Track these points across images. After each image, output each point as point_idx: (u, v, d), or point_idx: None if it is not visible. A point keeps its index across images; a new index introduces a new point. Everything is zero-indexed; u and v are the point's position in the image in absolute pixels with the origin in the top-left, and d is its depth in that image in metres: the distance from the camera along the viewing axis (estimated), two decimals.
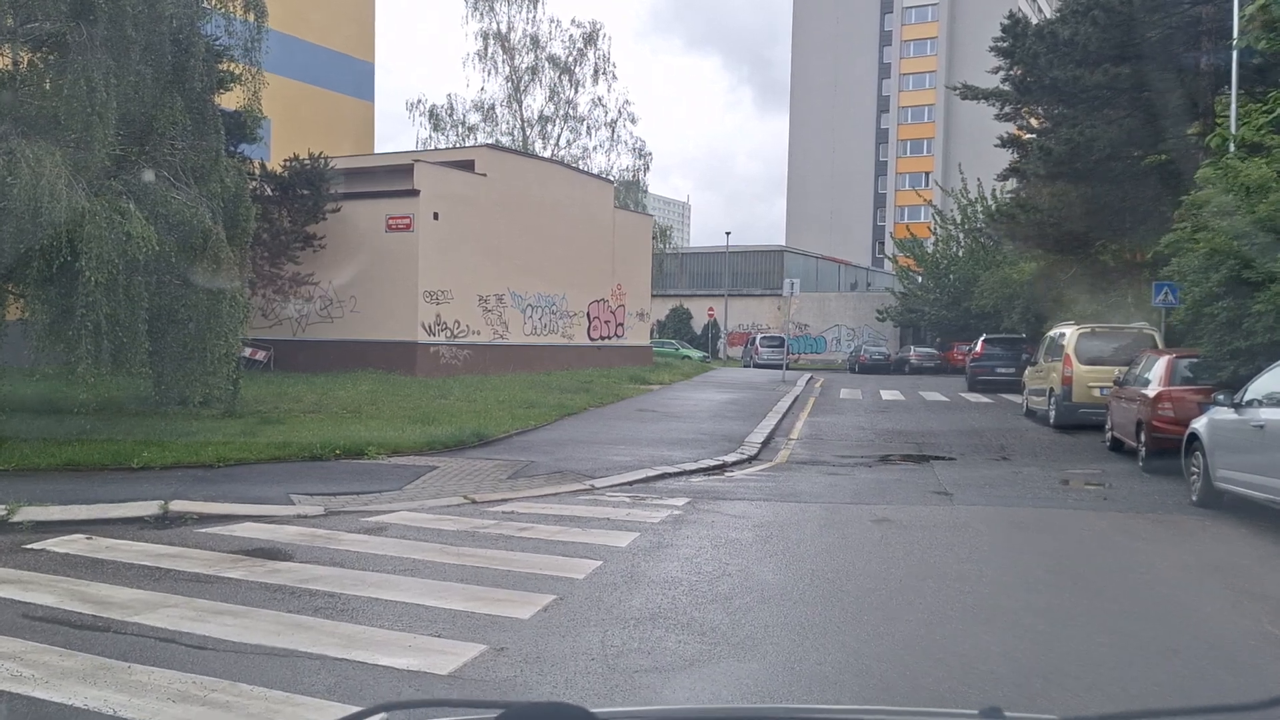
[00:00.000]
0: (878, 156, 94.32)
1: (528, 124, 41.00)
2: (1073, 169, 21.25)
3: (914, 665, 4.95)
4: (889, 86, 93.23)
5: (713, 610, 5.86)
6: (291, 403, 16.60)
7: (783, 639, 5.33)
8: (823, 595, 6.33)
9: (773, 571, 7.01)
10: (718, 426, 16.82)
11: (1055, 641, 5.34)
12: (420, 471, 11.01)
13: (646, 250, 35.92)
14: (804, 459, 13.76)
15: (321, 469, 11.02)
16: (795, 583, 6.70)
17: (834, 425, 18.79)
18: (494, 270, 27.05)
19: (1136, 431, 13.24)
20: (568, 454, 12.79)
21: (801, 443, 15.70)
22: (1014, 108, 31.09)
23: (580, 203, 30.72)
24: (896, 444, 15.96)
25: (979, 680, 4.69)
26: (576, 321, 30.97)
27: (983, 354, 30.11)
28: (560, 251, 29.63)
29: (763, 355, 47.54)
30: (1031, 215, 22.90)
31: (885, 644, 5.30)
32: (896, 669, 4.91)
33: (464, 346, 25.98)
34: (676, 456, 12.93)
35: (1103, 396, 17.82)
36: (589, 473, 11.40)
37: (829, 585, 6.58)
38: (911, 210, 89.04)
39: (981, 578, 6.85)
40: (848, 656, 5.03)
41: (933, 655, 5.09)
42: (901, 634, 5.48)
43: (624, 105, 57.05)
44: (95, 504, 8.72)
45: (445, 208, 25.16)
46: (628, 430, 15.74)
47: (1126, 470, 12.80)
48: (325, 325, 25.59)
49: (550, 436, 14.52)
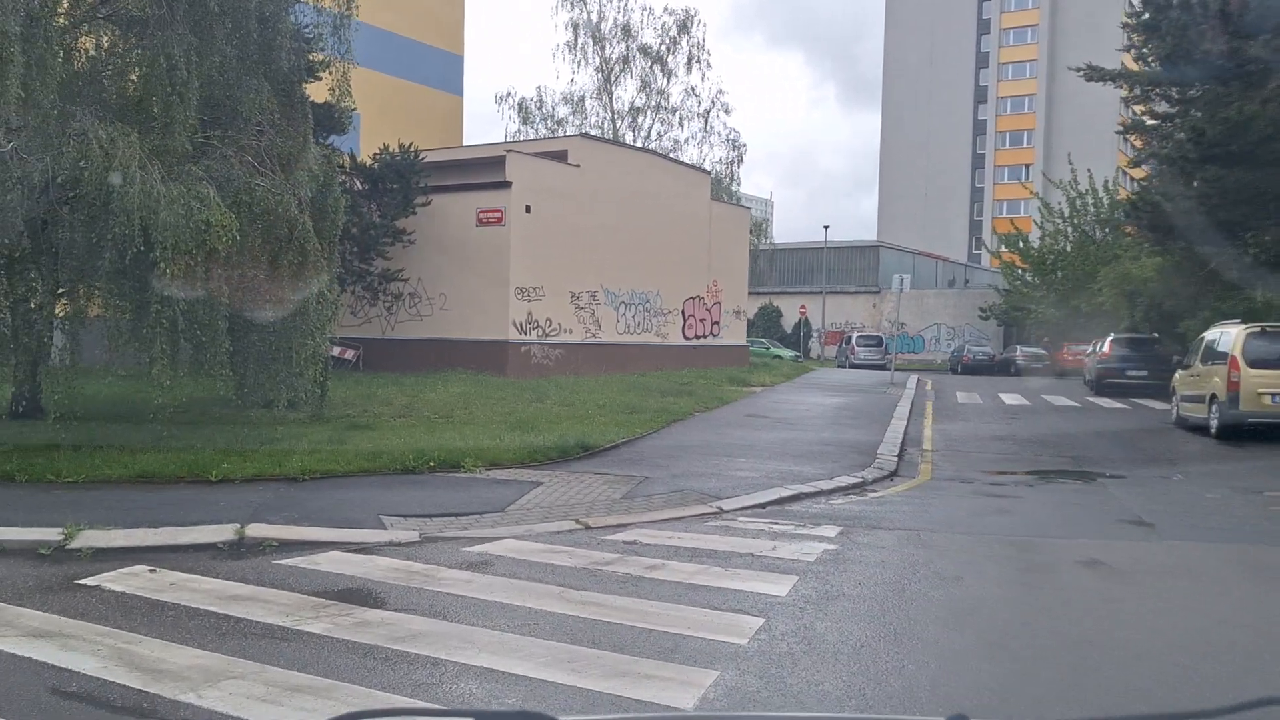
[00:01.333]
0: (975, 149, 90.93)
1: (618, 116, 39.79)
2: (1227, 152, 19.06)
3: None
4: (987, 76, 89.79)
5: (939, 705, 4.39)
6: (381, 406, 15.56)
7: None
8: (1098, 688, 4.79)
9: (995, 647, 5.48)
10: (840, 435, 15.25)
11: None
12: (524, 488, 9.74)
13: (744, 244, 34.35)
14: (950, 475, 12.14)
15: (415, 484, 9.83)
16: (1041, 666, 5.18)
17: (966, 434, 17.06)
18: (587, 266, 25.84)
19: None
20: (684, 468, 11.40)
21: (940, 455, 14.04)
22: (1145, 89, 28.77)
23: (676, 194, 29.32)
24: (1046, 456, 14.19)
25: None
26: (671, 320, 29.59)
27: (1110, 355, 27.81)
28: (655, 246, 28.30)
29: (859, 355, 45.65)
30: (1178, 204, 20.71)
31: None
32: None
33: (556, 346, 24.83)
34: (807, 472, 11.42)
35: (1276, 404, 15.78)
36: (713, 492, 9.99)
37: (1092, 674, 5.04)
38: (1011, 204, 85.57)
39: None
40: None
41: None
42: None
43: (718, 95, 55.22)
44: (164, 527, 7.63)
45: (537, 200, 24.03)
46: (743, 439, 14.29)
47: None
48: (414, 324, 24.70)
49: (660, 446, 13.14)
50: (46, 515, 7.84)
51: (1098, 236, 49.35)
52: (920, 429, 17.45)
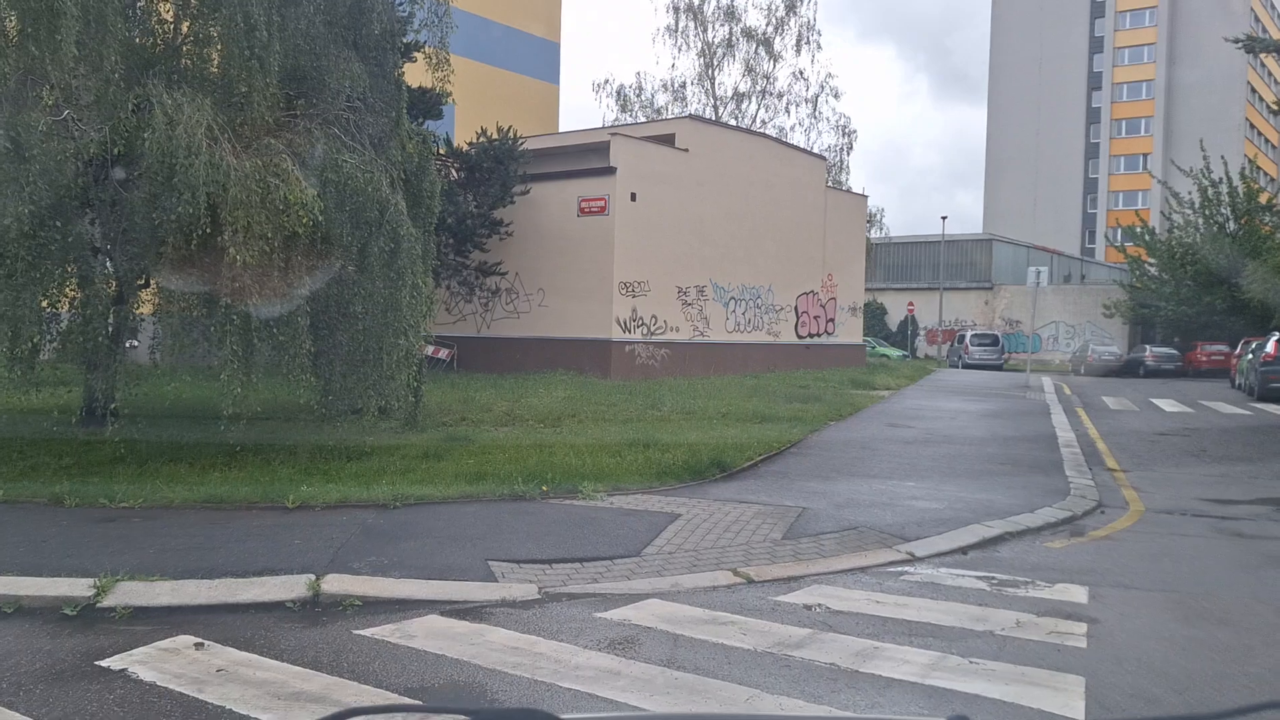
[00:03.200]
0: (1088, 138, 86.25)
1: (720, 102, 37.79)
2: None
3: None
4: (1101, 62, 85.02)
5: None
6: (480, 412, 13.94)
7: None
8: None
9: None
10: (1008, 450, 13.07)
11: None
12: (658, 522, 7.92)
13: (860, 235, 32.02)
14: (1167, 505, 9.90)
15: (527, 514, 8.10)
16: None
17: (1145, 447, 14.65)
18: (695, 259, 23.98)
19: None
20: (845, 494, 9.44)
21: (1134, 476, 11.75)
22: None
23: (789, 181, 27.22)
24: (1264, 479, 11.79)
25: None
26: (784, 317, 27.51)
27: (1277, 356, 24.74)
28: (767, 237, 26.27)
29: (974, 355, 43.02)
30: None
31: None
32: None
33: (661, 345, 23.03)
34: (999, 503, 9.34)
35: None
36: (895, 530, 8.01)
37: None
38: (1128, 196, 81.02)
39: None
40: None
41: None
42: None
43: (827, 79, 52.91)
44: (222, 578, 6.02)
45: (643, 188, 22.26)
46: (898, 454, 12.23)
47: None
48: (511, 321, 23.20)
49: (807, 464, 11.18)
50: (86, 556, 6.33)
51: (1231, 228, 45.67)
52: (1089, 441, 15.13)
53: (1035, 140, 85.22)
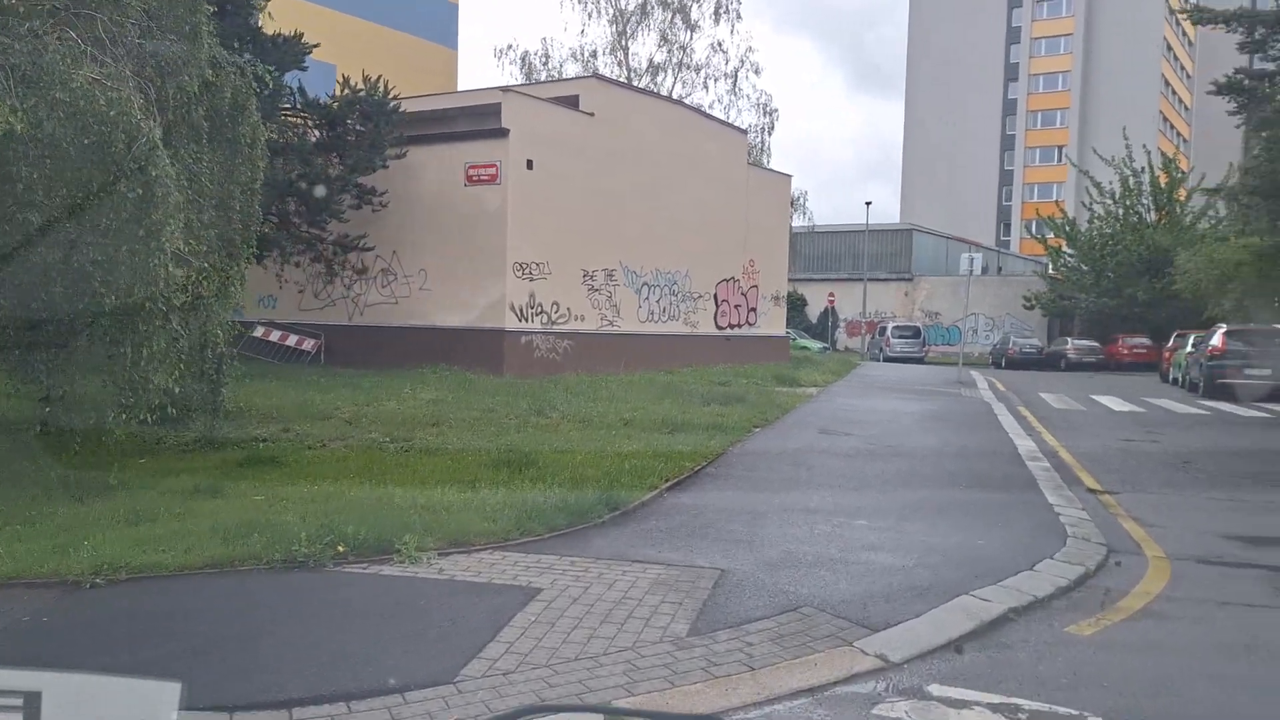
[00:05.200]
0: (1004, 130, 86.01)
1: (634, 73, 34.99)
2: None
3: None
4: (1018, 53, 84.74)
5: None
6: (313, 421, 11.02)
7: None
8: None
9: None
10: (969, 466, 10.69)
11: None
12: (505, 608, 5.19)
13: (784, 219, 29.62)
14: (1192, 550, 7.54)
15: (300, 593, 5.30)
16: None
17: (1119, 459, 12.46)
18: (603, 238, 21.26)
19: None
20: (778, 543, 6.83)
21: (1127, 501, 9.43)
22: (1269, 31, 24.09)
23: (708, 156, 24.63)
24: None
25: None
26: (702, 305, 24.96)
27: (1225, 350, 23.13)
28: (685, 217, 23.66)
29: (895, 347, 41.55)
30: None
31: None
32: None
33: (565, 336, 20.27)
34: (986, 552, 6.83)
35: None
36: (854, 608, 5.42)
37: None
38: (1043, 188, 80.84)
39: None
40: None
41: None
42: None
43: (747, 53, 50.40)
44: None
45: (542, 155, 19.44)
46: (842, 477, 9.69)
47: None
48: (388, 307, 20.19)
49: (727, 496, 8.54)
50: None
51: (1151, 219, 44.98)
52: (1053, 451, 12.89)
53: (952, 132, 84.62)
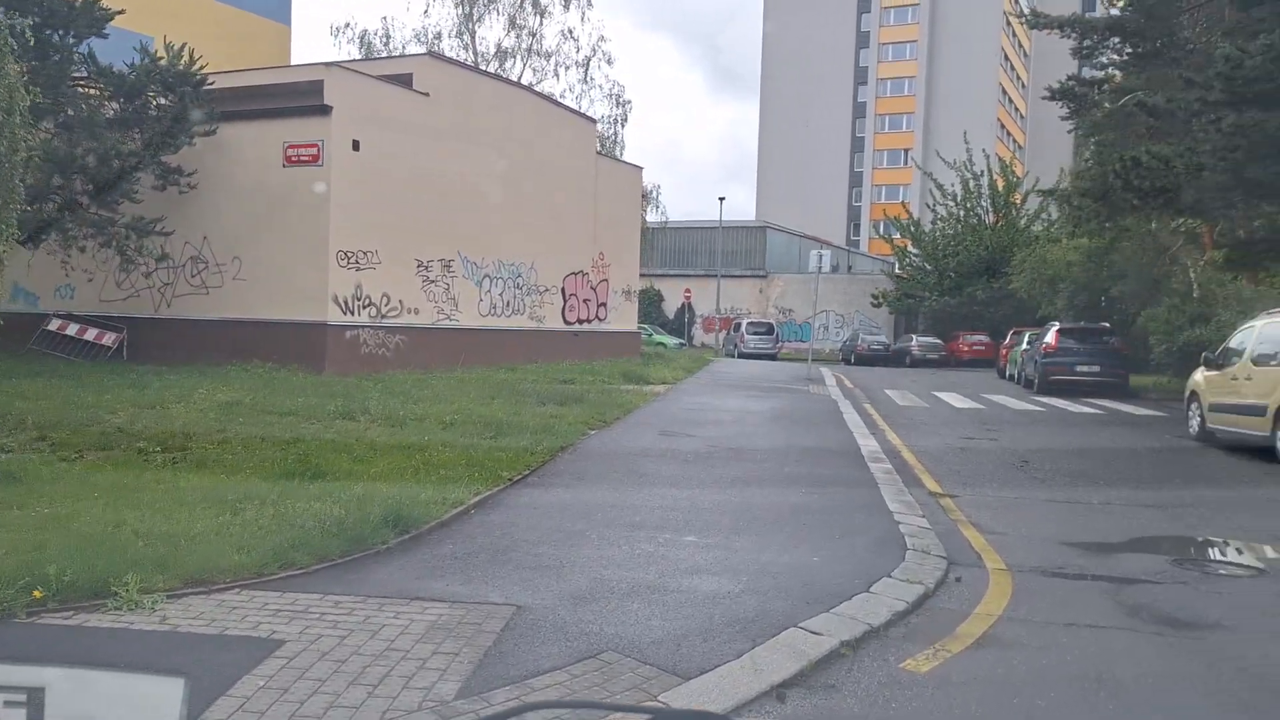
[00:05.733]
0: (854, 132, 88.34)
1: (482, 59, 33.63)
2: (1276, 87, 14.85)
3: None
4: (867, 57, 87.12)
5: None
6: (77, 429, 9.52)
7: None
8: None
9: None
10: (812, 470, 10.12)
11: None
12: (226, 673, 4.12)
13: (635, 211, 28.92)
14: (1033, 561, 7.09)
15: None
16: None
17: (960, 459, 12.23)
18: (440, 227, 20.03)
19: None
20: (590, 569, 5.97)
21: (967, 505, 9.03)
22: (1100, 38, 24.84)
23: (555, 143, 23.66)
24: (1118, 505, 9.40)
25: None
26: (549, 300, 23.99)
27: (1058, 348, 23.74)
28: (530, 206, 22.63)
29: (750, 344, 41.70)
30: (1189, 161, 16.42)
31: None
32: None
33: (396, 330, 18.96)
34: (817, 571, 6.15)
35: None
36: (665, 652, 4.60)
37: None
38: (890, 190, 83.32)
39: None
40: None
41: None
42: None
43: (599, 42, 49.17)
44: None
45: (370, 135, 18.09)
46: (677, 485, 8.91)
47: None
48: (199, 298, 18.43)
49: (541, 513, 7.62)
50: None
51: (990, 220, 46.73)
52: (895, 451, 12.57)
53: (805, 133, 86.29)
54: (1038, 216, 43.45)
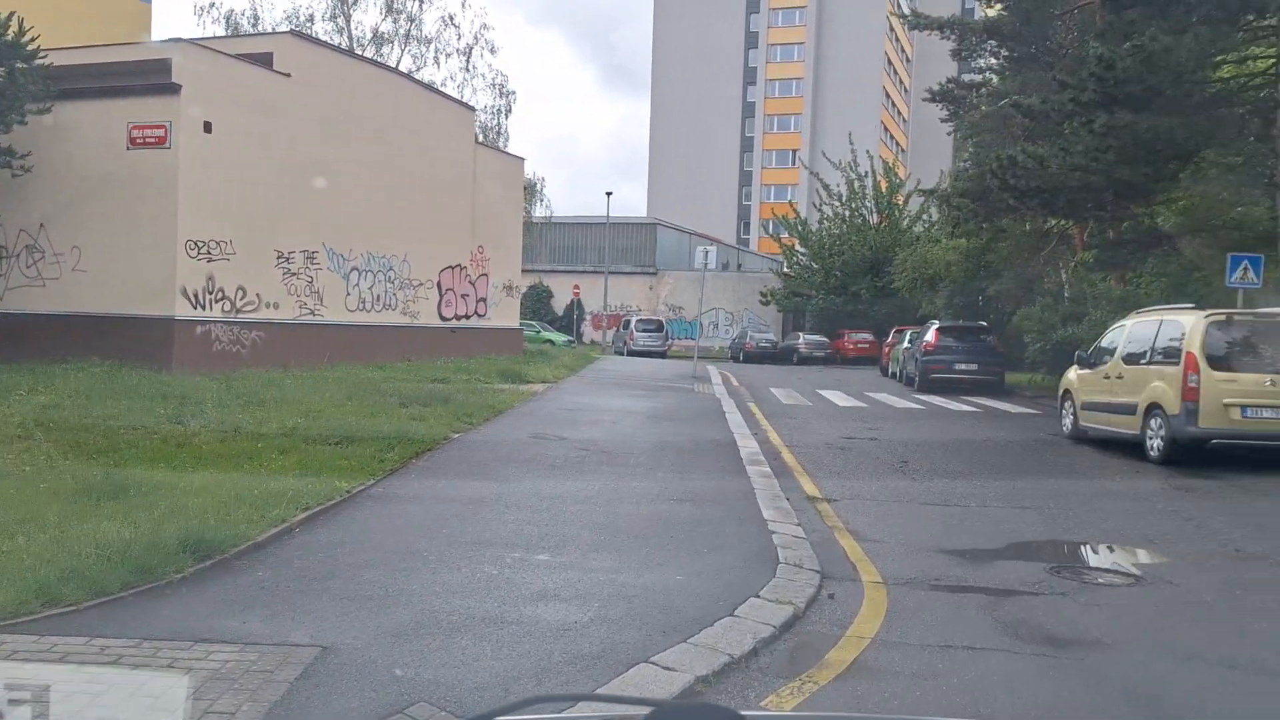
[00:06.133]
0: (744, 132, 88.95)
1: (358, 44, 32.20)
2: (1140, 91, 15.06)
3: None
4: (756, 57, 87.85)
5: None
6: None
7: None
8: None
9: None
10: (686, 481, 9.56)
11: None
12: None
13: (517, 204, 28.02)
14: (911, 570, 6.70)
15: None
16: None
17: (840, 460, 11.91)
18: (303, 216, 18.86)
19: None
20: (420, 599, 5.25)
21: (845, 509, 8.64)
22: (978, 40, 25.26)
23: (431, 131, 22.63)
24: (996, 508, 9.16)
25: None
26: (424, 294, 22.95)
27: (937, 346, 23.94)
28: (403, 196, 21.58)
29: (639, 341, 41.30)
30: (1064, 161, 16.59)
31: None
32: None
33: (254, 326, 17.75)
34: (678, 594, 5.57)
35: (1247, 419, 11.73)
36: (490, 704, 3.93)
37: None
38: (779, 190, 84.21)
39: None
40: None
41: None
42: None
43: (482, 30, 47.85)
44: None
45: (225, 117, 16.85)
46: (537, 495, 8.24)
47: None
48: (35, 291, 16.89)
49: (379, 530, 6.84)
50: None
51: (874, 221, 47.48)
52: (775, 451, 12.19)
53: (695, 132, 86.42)
54: (919, 217, 44.29)
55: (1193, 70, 15.02)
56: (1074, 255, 24.47)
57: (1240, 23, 16.09)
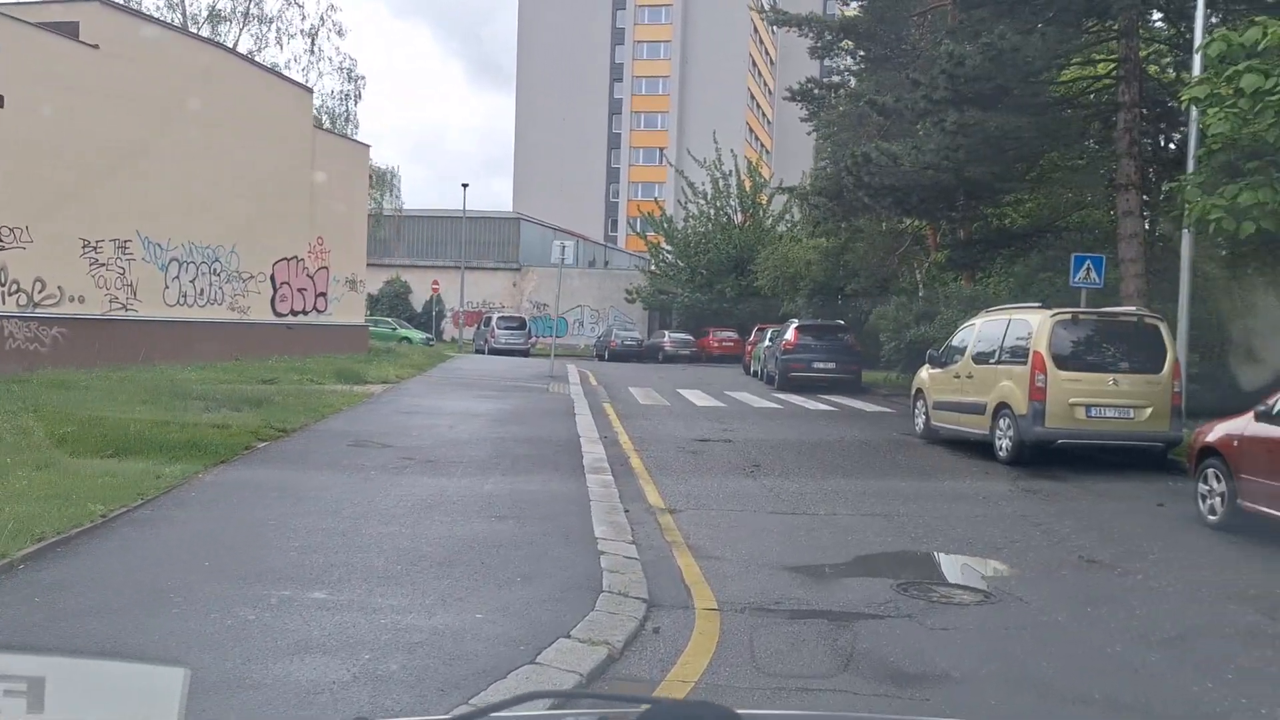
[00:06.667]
0: (611, 128, 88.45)
1: (194, 22, 30.01)
2: (991, 89, 15.04)
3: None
4: (623, 54, 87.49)
5: None
6: None
7: None
8: None
9: None
10: (514, 484, 8.73)
11: None
12: None
13: (362, 193, 26.48)
14: (749, 592, 6.06)
15: None
16: None
17: (688, 465, 11.30)
18: (113, 201, 17.11)
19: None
20: (146, 654, 4.25)
21: (685, 521, 7.98)
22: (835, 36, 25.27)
23: (263, 113, 21.00)
24: (845, 514, 8.67)
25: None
26: (255, 288, 21.32)
27: (797, 345, 23.80)
28: (230, 182, 19.93)
29: (500, 339, 40.25)
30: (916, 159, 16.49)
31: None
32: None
33: (54, 322, 15.96)
34: (471, 639, 4.73)
35: (1092, 418, 11.70)
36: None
37: None
38: (646, 187, 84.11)
39: None
40: None
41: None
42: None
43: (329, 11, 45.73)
44: None
45: (20, 91, 15.06)
46: (337, 515, 7.24)
47: None
48: None
49: (116, 574, 5.72)
50: None
51: (738, 220, 47.67)
52: (624, 458, 11.49)
53: (562, 128, 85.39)
54: (783, 217, 44.64)
55: (1040, 70, 15.10)
56: (928, 256, 24.73)
57: (1084, 25, 16.30)
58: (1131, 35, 16.33)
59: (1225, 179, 12.40)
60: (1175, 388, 11.69)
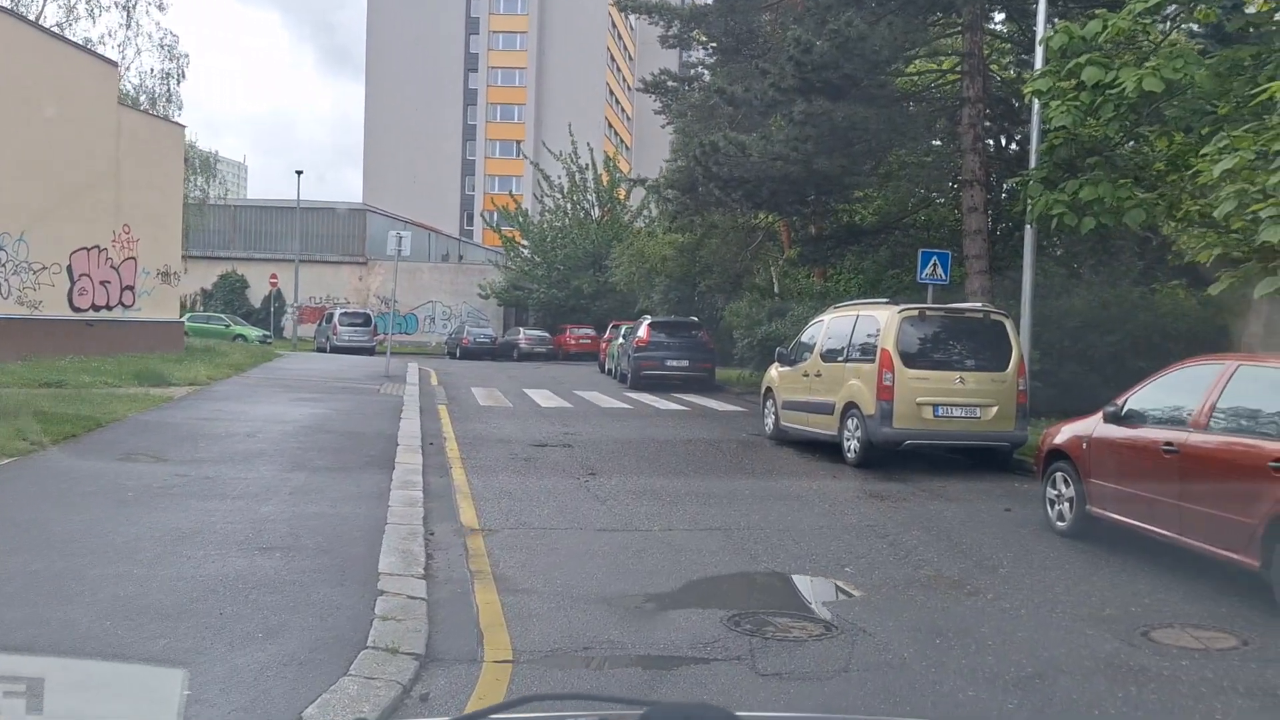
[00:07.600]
0: (465, 120, 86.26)
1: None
2: (838, 78, 14.58)
3: None
4: (478, 44, 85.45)
5: None
6: None
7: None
8: None
9: None
10: (300, 506, 7.54)
11: None
12: None
13: (177, 178, 24.15)
14: (554, 636, 5.12)
15: None
16: None
17: (519, 472, 10.31)
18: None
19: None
20: None
21: (498, 544, 6.99)
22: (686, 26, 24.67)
23: (57, 88, 18.71)
24: (681, 532, 7.84)
25: None
26: (49, 280, 19.03)
27: (649, 342, 23.10)
28: (16, 163, 17.68)
29: (343, 336, 38.35)
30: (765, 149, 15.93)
31: None
32: None
33: None
34: None
35: (939, 418, 11.29)
36: None
37: None
38: (503, 180, 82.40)
39: None
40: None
41: None
42: None
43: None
44: None
45: None
46: (60, 547, 5.93)
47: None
48: None
49: None
50: None
51: (596, 214, 46.96)
52: (445, 467, 10.40)
53: (414, 119, 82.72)
54: (641, 212, 44.04)
55: (888, 61, 14.77)
56: (781, 252, 24.45)
57: (930, 18, 16.10)
58: (976, 30, 16.25)
59: (1066, 175, 12.29)
60: (1020, 385, 11.40)
